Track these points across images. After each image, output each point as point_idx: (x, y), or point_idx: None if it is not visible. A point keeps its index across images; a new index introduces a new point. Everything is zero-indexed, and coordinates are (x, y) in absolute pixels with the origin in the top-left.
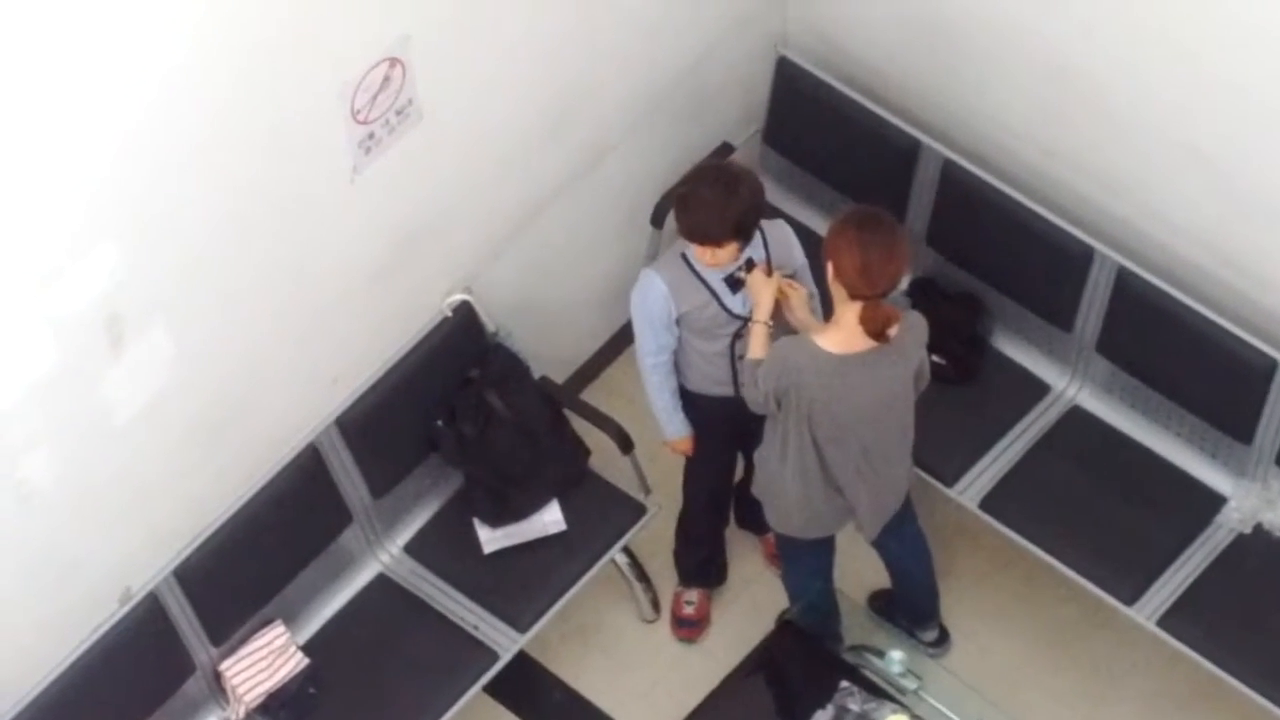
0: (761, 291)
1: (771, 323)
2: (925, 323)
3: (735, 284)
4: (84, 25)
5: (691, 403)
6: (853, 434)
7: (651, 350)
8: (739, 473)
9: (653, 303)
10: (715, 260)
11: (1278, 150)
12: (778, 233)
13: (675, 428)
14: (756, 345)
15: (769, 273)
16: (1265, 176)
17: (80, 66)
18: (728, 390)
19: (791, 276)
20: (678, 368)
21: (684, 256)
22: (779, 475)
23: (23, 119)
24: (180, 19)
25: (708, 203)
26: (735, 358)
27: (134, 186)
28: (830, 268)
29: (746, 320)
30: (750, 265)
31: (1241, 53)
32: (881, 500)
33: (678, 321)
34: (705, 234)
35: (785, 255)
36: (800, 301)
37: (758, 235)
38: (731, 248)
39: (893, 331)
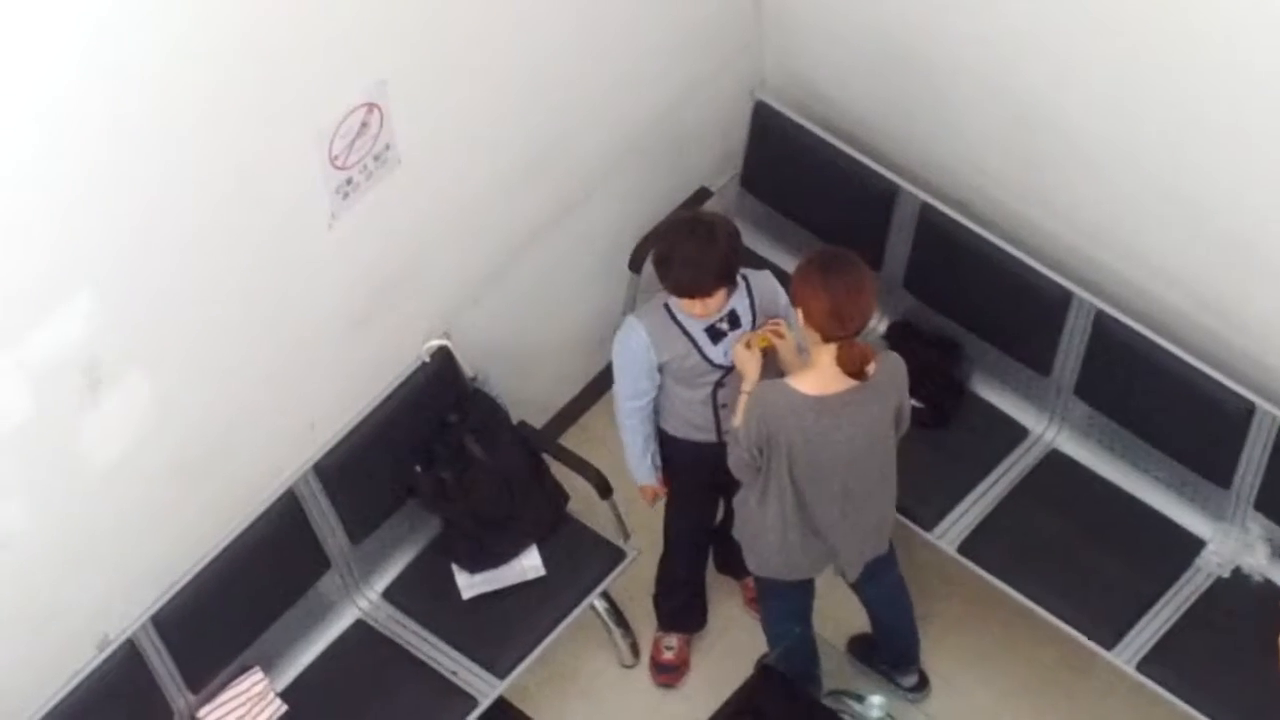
0: (747, 363)
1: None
2: (904, 365)
3: (716, 335)
4: (56, 67)
5: (673, 447)
6: (833, 476)
7: (629, 395)
8: (718, 517)
9: (634, 350)
10: (705, 310)
11: (1256, 194)
12: (762, 282)
13: (643, 473)
14: (740, 413)
15: (754, 338)
16: (1243, 220)
17: (52, 110)
18: (709, 436)
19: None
20: (660, 412)
21: (666, 306)
22: (759, 518)
23: None
24: (155, 63)
25: (691, 257)
26: (717, 405)
27: (109, 233)
28: (799, 314)
29: (727, 370)
30: (733, 317)
31: (1221, 96)
32: (864, 542)
33: (660, 369)
34: (694, 287)
35: (771, 305)
36: (789, 349)
37: (742, 285)
38: (719, 296)
39: (870, 369)
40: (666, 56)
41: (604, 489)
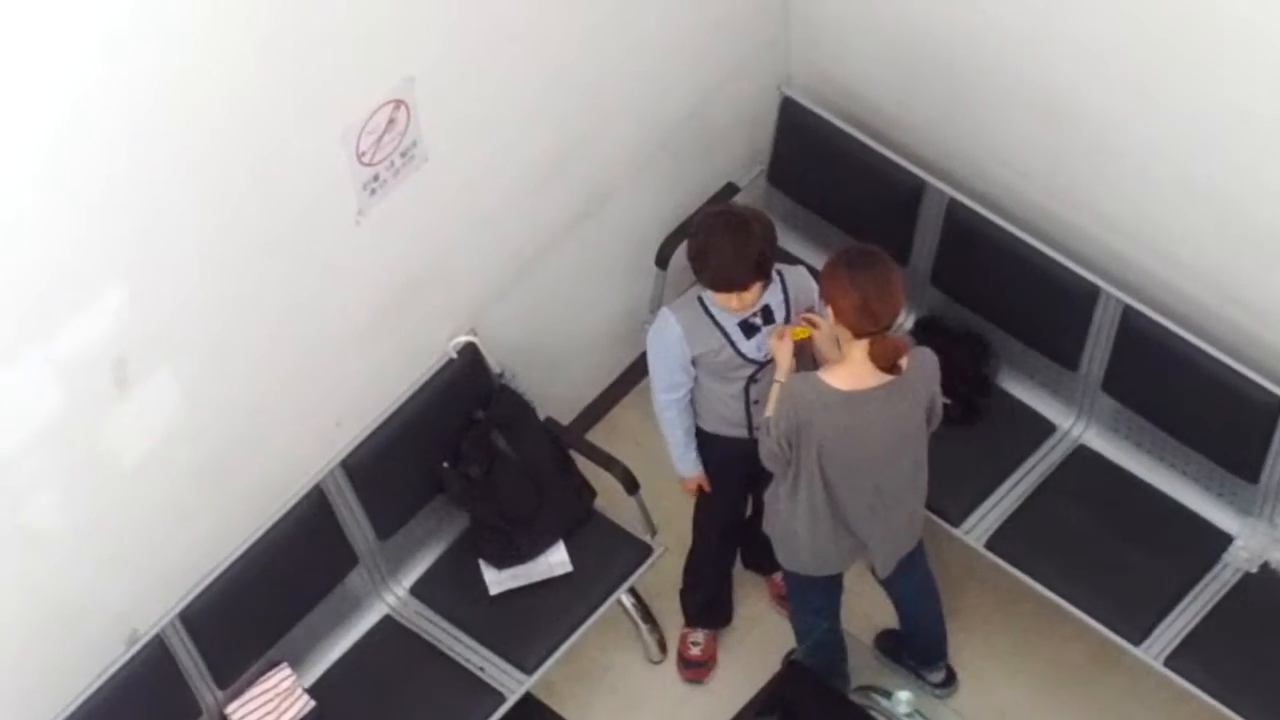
0: (780, 353)
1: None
2: (935, 359)
3: (750, 329)
4: (84, 65)
5: (706, 443)
6: (864, 471)
7: (665, 388)
8: (747, 512)
9: (669, 344)
10: (741, 304)
11: None
12: (797, 278)
13: (686, 466)
14: (774, 403)
15: (787, 329)
16: (1272, 213)
17: (80, 108)
18: (741, 431)
19: (810, 313)
20: (694, 408)
21: (700, 300)
22: (789, 513)
23: (27, 164)
24: (182, 60)
25: (724, 251)
26: (750, 401)
27: (139, 230)
28: (830, 312)
29: (761, 364)
30: (767, 312)
31: (1246, 89)
32: (895, 537)
33: (693, 363)
34: (730, 281)
35: (806, 300)
36: (825, 339)
37: (776, 280)
38: (755, 289)
39: (903, 363)
40: (693, 53)
41: (631, 485)
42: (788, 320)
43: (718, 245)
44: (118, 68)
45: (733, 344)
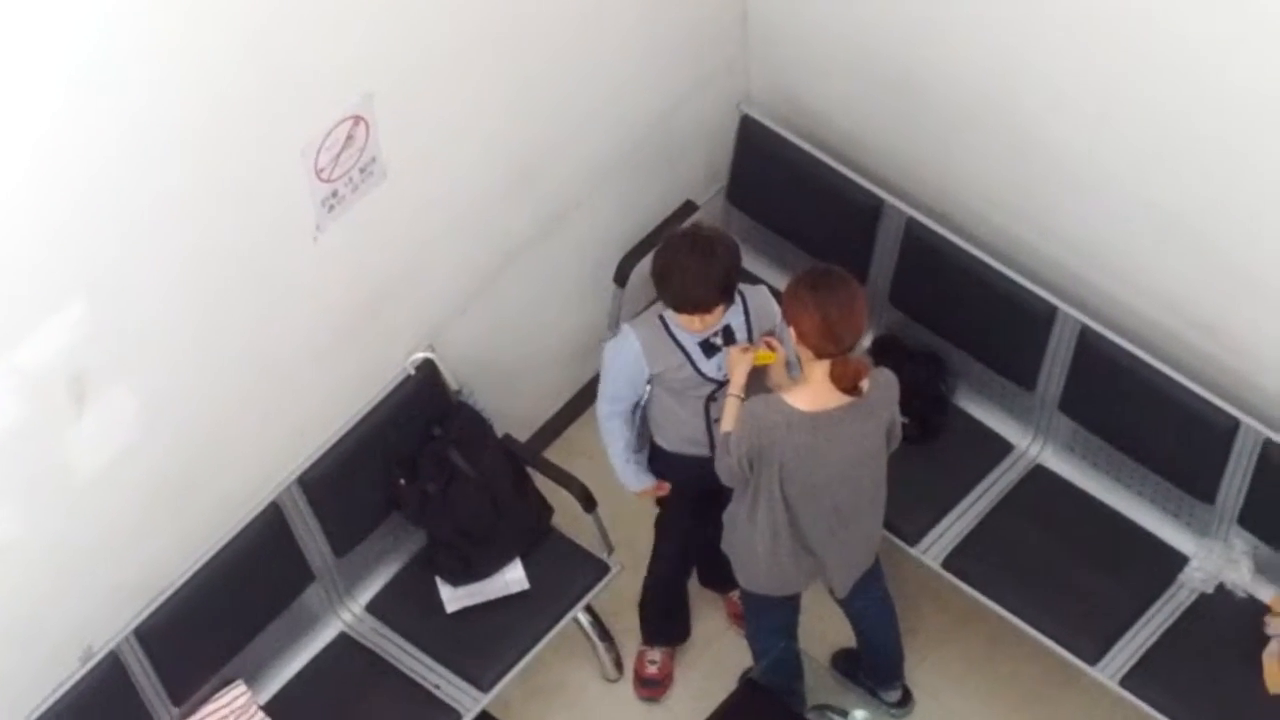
0: (737, 365)
1: (744, 396)
2: (896, 380)
3: (710, 349)
4: (49, 82)
5: (665, 461)
6: (825, 492)
7: (609, 398)
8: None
9: (625, 358)
10: (703, 325)
11: (1243, 211)
12: (758, 299)
13: (629, 479)
14: (729, 417)
15: (752, 346)
16: (1230, 237)
17: (45, 124)
18: (702, 450)
19: (770, 335)
20: (653, 426)
21: (661, 318)
22: (748, 532)
23: None
24: (141, 74)
25: (690, 271)
26: (710, 419)
27: (96, 243)
28: (792, 332)
29: (720, 384)
30: (728, 332)
31: (1208, 116)
32: (853, 557)
33: (649, 381)
34: (694, 302)
35: (766, 320)
36: (778, 366)
37: (738, 301)
38: (718, 311)
39: (864, 384)
40: (653, 71)
41: (588, 502)
42: (749, 340)
43: (683, 265)
44: (83, 84)
45: (693, 363)
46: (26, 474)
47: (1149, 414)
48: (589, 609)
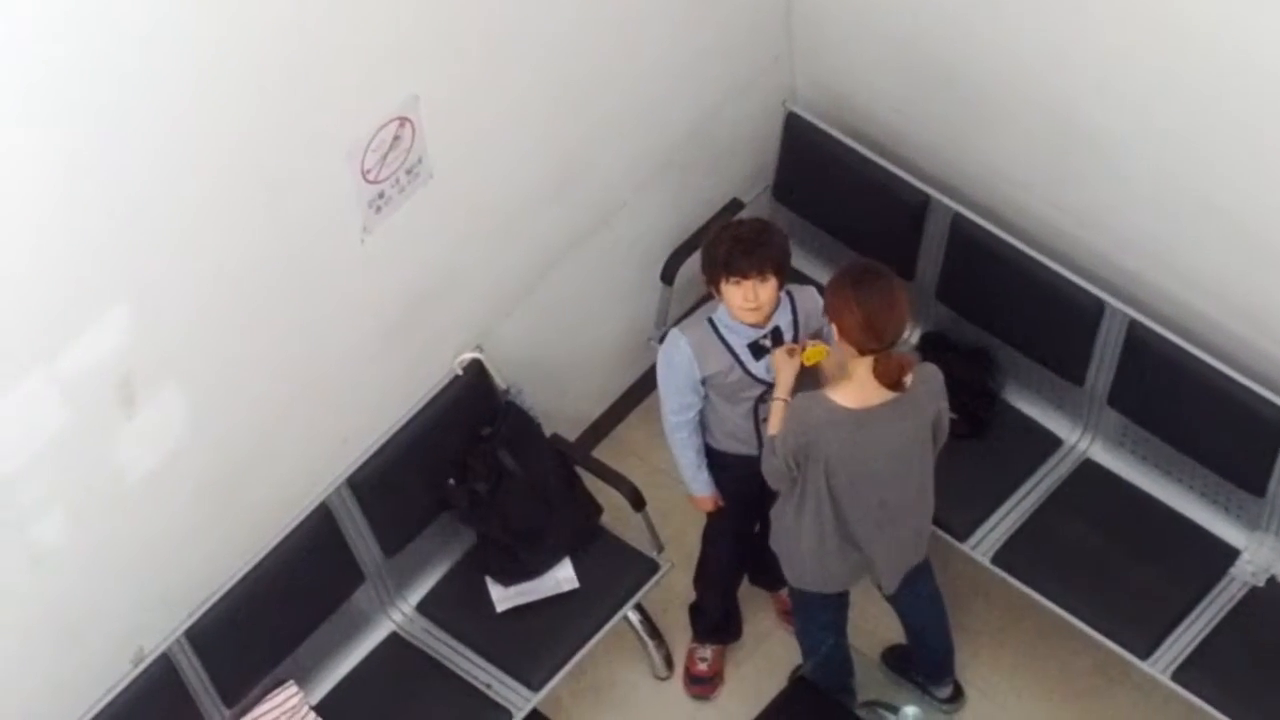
0: (784, 369)
1: (790, 399)
2: (941, 375)
3: (759, 351)
4: (93, 86)
5: (715, 460)
6: (871, 489)
7: (675, 409)
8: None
9: (677, 364)
10: (757, 303)
11: None
12: (806, 298)
13: (698, 486)
14: (775, 419)
15: (798, 347)
16: (1277, 228)
17: (87, 127)
18: (751, 449)
19: (817, 336)
20: (704, 426)
21: (710, 321)
22: (795, 530)
23: (37, 183)
24: (189, 79)
25: (741, 237)
26: (759, 420)
27: (144, 248)
28: (834, 329)
29: (769, 385)
30: (776, 334)
31: (1255, 104)
32: (901, 553)
33: (703, 382)
34: (746, 262)
35: (815, 320)
36: (832, 362)
37: (786, 301)
38: (771, 285)
39: (908, 380)
40: (698, 69)
41: (637, 501)
42: (796, 341)
43: (732, 231)
44: (126, 87)
45: (742, 365)
46: (77, 478)
47: (1198, 407)
48: (639, 607)
